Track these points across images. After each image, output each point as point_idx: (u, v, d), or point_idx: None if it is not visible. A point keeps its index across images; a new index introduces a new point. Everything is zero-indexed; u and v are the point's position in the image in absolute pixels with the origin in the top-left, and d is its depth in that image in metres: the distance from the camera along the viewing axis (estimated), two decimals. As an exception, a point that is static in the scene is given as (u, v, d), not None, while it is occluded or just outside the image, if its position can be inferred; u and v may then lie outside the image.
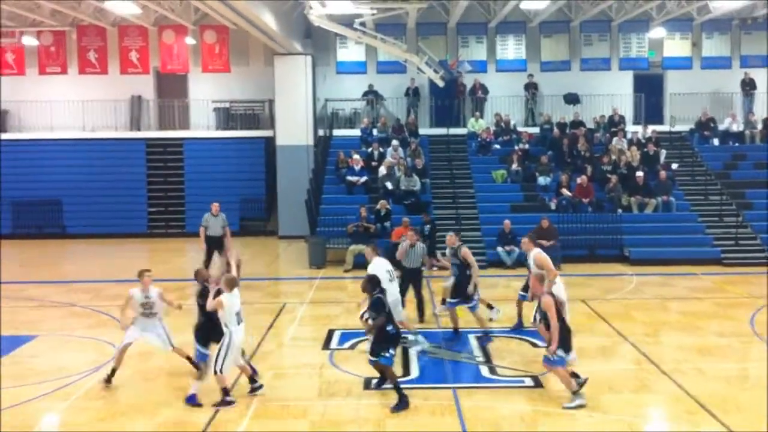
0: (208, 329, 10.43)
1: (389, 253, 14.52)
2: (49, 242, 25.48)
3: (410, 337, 12.71)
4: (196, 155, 27.25)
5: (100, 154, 26.99)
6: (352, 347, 12.74)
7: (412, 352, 12.34)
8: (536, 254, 12.50)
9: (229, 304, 10.05)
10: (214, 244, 18.01)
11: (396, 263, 13.60)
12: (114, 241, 25.25)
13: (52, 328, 14.08)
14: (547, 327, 9.92)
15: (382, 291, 10.27)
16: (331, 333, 13.49)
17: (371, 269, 11.74)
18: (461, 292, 13.07)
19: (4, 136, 27.26)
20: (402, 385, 10.71)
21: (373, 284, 10.27)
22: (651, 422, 9.72)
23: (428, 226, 20.23)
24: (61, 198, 26.68)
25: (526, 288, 13.06)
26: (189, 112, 28.16)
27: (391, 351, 10.07)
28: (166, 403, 10.17)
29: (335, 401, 10.29)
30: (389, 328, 10.06)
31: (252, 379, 10.48)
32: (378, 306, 10.07)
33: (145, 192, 27.35)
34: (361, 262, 19.41)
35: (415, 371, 11.51)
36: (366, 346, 11.12)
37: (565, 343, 9.88)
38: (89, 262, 22.16)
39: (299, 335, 13.86)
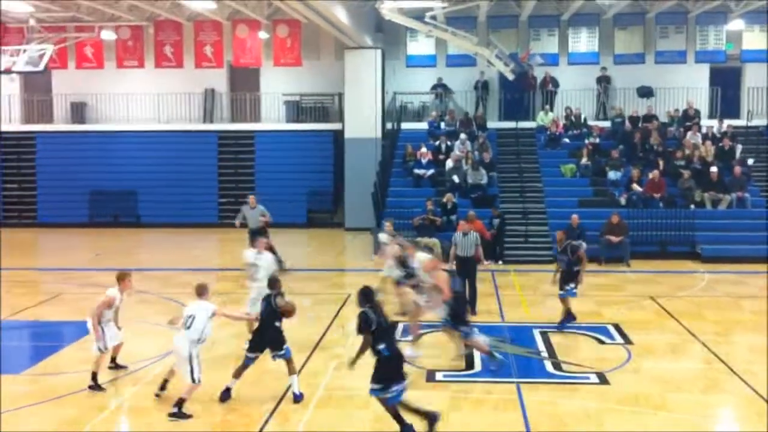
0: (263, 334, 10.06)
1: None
2: (124, 231, 26.20)
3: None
4: (266, 147, 27.64)
5: (174, 146, 27.60)
6: (416, 339, 12.77)
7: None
8: (422, 260, 12.43)
9: (186, 308, 9.89)
10: (256, 236, 18.08)
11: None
12: (186, 231, 25.81)
13: (123, 315, 14.46)
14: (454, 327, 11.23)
15: (374, 307, 8.94)
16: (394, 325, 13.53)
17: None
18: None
19: (83, 127, 28.12)
20: (465, 379, 10.74)
21: (364, 298, 9.01)
22: (719, 423, 9.52)
23: (497, 219, 20.13)
24: (137, 188, 27.40)
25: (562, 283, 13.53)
26: (260, 105, 28.56)
27: (395, 387, 8.64)
28: (235, 389, 10.38)
29: (398, 392, 10.34)
30: (380, 347, 8.67)
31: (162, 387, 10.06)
32: (361, 321, 8.81)
33: (216, 183, 27.87)
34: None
35: (478, 365, 11.48)
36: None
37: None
38: (161, 251, 22.72)
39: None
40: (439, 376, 10.85)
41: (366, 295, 8.98)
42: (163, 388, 9.99)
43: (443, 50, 26.61)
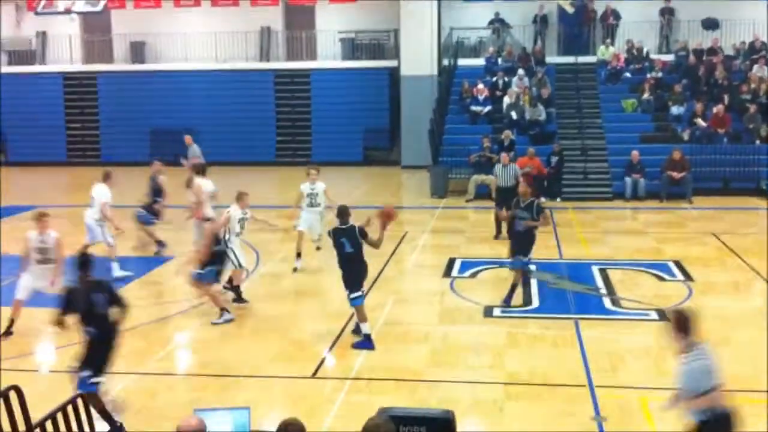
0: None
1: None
2: (183, 170, 26.56)
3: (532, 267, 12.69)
4: (322, 86, 27.62)
5: (231, 85, 27.75)
6: (473, 276, 12.87)
7: (533, 282, 12.35)
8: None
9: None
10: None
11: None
12: (243, 169, 26.08)
13: (188, 250, 14.84)
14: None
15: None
16: (452, 261, 13.65)
17: None
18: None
19: (143, 67, 28.44)
20: (523, 315, 10.82)
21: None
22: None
23: (556, 157, 19.90)
24: (196, 127, 27.70)
25: None
26: (316, 42, 28.46)
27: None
28: (294, 323, 10.65)
29: (456, 328, 10.50)
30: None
31: None
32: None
33: (273, 121, 28.04)
34: (483, 193, 19.44)
35: (535, 301, 11.53)
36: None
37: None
38: (221, 189, 23.00)
39: (420, 263, 14.10)
40: (496, 312, 10.93)
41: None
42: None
43: (501, -17, 26.06)
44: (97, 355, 7.27)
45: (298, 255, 13.38)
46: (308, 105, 27.92)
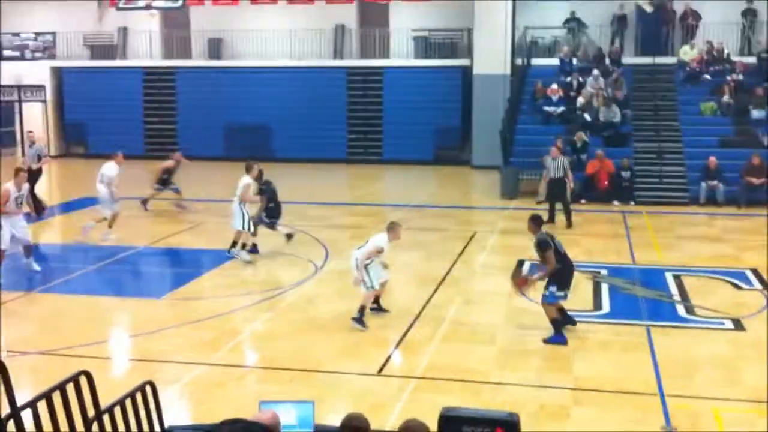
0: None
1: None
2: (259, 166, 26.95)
3: (603, 272, 12.48)
4: (394, 83, 27.64)
5: (305, 82, 28.01)
6: (541, 279, 12.68)
7: (604, 287, 12.14)
8: None
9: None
10: None
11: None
12: (316, 166, 26.34)
13: (259, 245, 15.07)
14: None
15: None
16: (521, 263, 13.45)
17: None
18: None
19: (219, 63, 28.95)
20: (593, 320, 10.66)
21: (536, 223, 10.11)
22: None
23: (627, 172, 19.57)
24: (270, 123, 28.11)
25: None
26: (389, 40, 28.51)
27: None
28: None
29: (523, 330, 10.37)
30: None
31: None
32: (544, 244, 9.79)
33: (345, 119, 28.20)
34: (547, 195, 19.16)
35: (606, 306, 11.33)
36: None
37: None
38: (294, 185, 23.28)
39: (489, 263, 13.99)
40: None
41: (538, 222, 10.22)
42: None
43: (578, -18, 25.67)
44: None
45: (243, 245, 13.77)
46: (380, 103, 27.99)
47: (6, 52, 29.69)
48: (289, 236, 14.99)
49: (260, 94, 27.92)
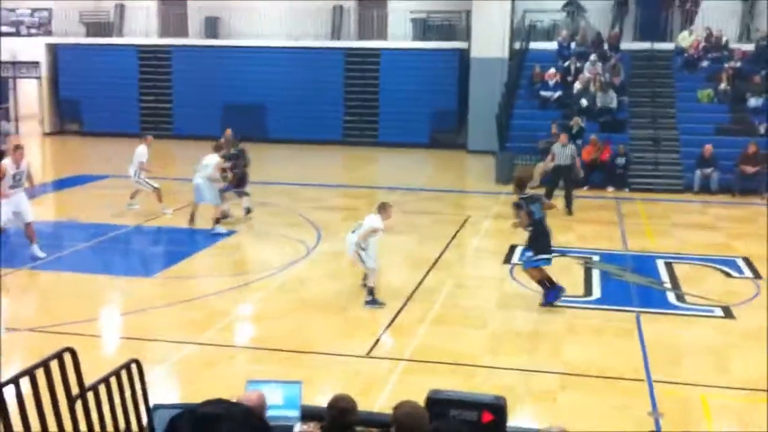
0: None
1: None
2: (253, 145, 26.80)
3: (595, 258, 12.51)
4: (391, 65, 27.49)
5: (302, 62, 27.85)
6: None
7: (595, 273, 12.16)
8: None
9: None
10: None
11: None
12: (311, 147, 26.26)
13: (251, 225, 15.07)
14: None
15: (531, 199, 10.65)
16: (513, 248, 13.49)
17: None
18: None
19: (216, 42, 28.76)
20: (583, 305, 10.70)
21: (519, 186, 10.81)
22: None
23: (623, 159, 19.54)
24: (265, 103, 27.99)
25: None
26: (387, 22, 28.35)
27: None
28: (352, 302, 10.70)
29: (514, 313, 10.41)
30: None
31: None
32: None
33: (341, 100, 28.08)
34: (549, 180, 19.14)
35: (597, 292, 11.36)
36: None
37: None
38: (288, 166, 23.26)
39: (481, 248, 14.00)
40: (556, 301, 10.77)
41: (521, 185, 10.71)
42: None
43: (578, -34, 25.51)
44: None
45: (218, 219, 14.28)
46: (377, 85, 27.86)
47: (2, 28, 29.49)
48: (248, 210, 15.34)
49: (257, 73, 27.78)
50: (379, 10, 28.28)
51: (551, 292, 10.42)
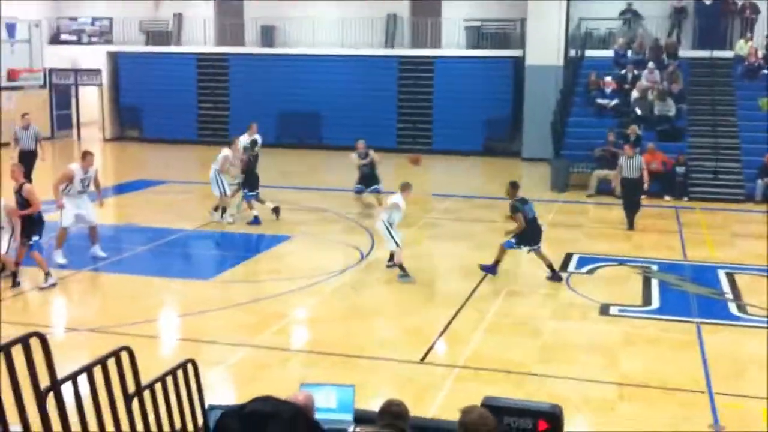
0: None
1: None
2: (308, 152, 27.13)
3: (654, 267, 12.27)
4: (445, 73, 27.48)
5: (356, 70, 28.01)
6: (590, 272, 12.54)
7: (654, 283, 11.93)
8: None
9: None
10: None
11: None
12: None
13: (306, 231, 15.15)
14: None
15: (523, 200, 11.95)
16: (569, 256, 13.33)
17: None
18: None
19: (272, 50, 29.09)
20: (641, 315, 10.51)
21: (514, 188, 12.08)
22: None
23: (682, 167, 19.16)
24: (320, 111, 28.18)
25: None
26: (441, 30, 28.34)
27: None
28: (406, 308, 10.68)
29: (569, 323, 10.26)
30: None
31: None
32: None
33: (395, 108, 28.14)
34: (605, 189, 18.90)
35: (656, 302, 11.13)
36: None
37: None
38: (342, 173, 23.32)
39: (536, 256, 13.80)
40: (613, 310, 10.60)
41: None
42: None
43: (635, -27, 25.18)
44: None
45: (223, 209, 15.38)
46: (430, 93, 27.86)
47: (63, 36, 30.28)
48: (275, 210, 15.69)
49: (312, 81, 28.01)
50: (433, 18, 28.28)
51: (492, 267, 12.01)
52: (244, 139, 16.67)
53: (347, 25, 28.25)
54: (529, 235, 11.91)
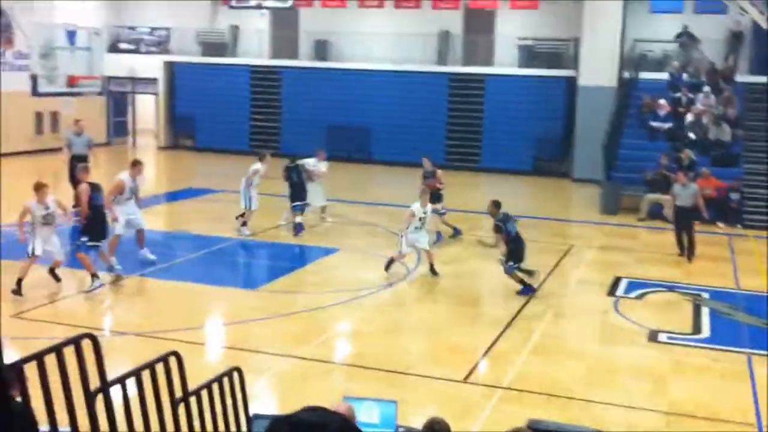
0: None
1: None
2: (357, 166, 27.24)
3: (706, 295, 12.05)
4: (496, 91, 27.39)
5: (407, 86, 28.06)
6: (639, 297, 12.35)
7: (704, 311, 11.70)
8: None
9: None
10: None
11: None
12: (413, 170, 26.28)
13: (354, 244, 15.20)
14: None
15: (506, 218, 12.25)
16: (618, 280, 13.15)
17: None
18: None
19: (325, 64, 29.32)
20: (691, 343, 10.30)
21: (496, 206, 12.45)
22: None
23: (737, 194, 18.79)
24: (370, 125, 28.31)
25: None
26: (493, 48, 28.30)
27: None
28: (449, 326, 10.63)
29: (616, 348, 10.11)
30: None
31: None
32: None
33: (444, 125, 28.12)
34: (657, 213, 18.63)
35: (706, 330, 10.90)
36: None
37: None
38: (391, 187, 23.42)
39: (584, 278, 13.67)
40: (662, 337, 10.41)
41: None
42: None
43: (692, -4, 24.87)
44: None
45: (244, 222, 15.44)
46: (481, 110, 27.79)
47: (122, 45, 30.93)
48: (297, 226, 15.75)
49: (362, 96, 28.16)
50: (485, 36, 28.26)
51: (525, 288, 11.97)
52: (312, 162, 16.82)
53: (400, 40, 28.36)
54: (515, 252, 12.10)
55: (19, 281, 10.89)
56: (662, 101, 22.46)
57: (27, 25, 24.22)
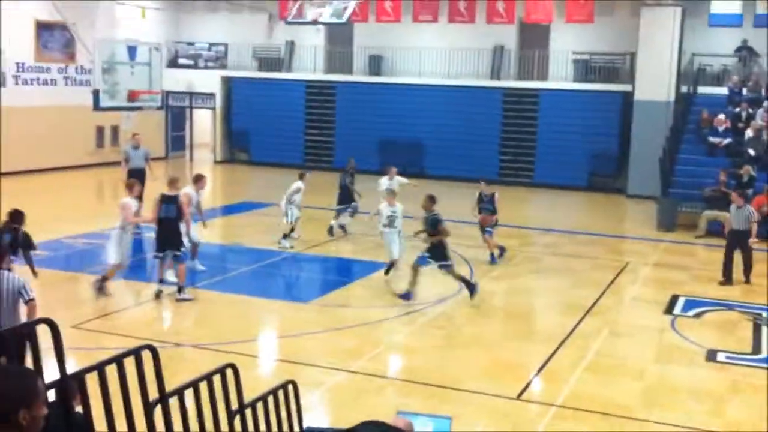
0: None
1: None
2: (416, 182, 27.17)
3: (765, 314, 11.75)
4: (550, 106, 27.21)
5: (460, 101, 28.04)
6: (697, 316, 12.11)
7: (765, 330, 11.41)
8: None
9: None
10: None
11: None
12: (467, 185, 26.23)
13: (404, 259, 15.16)
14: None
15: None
16: (675, 298, 12.92)
17: None
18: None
19: (379, 79, 29.48)
20: (751, 363, 10.07)
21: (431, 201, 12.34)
22: None
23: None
24: (423, 140, 28.34)
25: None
26: (548, 63, 28.13)
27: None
28: (502, 342, 10.57)
29: (673, 368, 9.93)
30: None
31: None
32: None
33: (498, 140, 28.01)
34: (715, 230, 18.24)
35: (766, 350, 10.64)
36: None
37: None
38: (444, 202, 23.25)
39: (640, 296, 13.45)
40: (720, 356, 10.20)
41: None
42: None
43: (751, 9, 24.37)
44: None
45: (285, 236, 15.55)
46: (534, 125, 27.63)
47: (181, 60, 31.55)
48: (331, 229, 16.59)
49: (416, 111, 28.23)
50: (540, 50, 28.12)
51: (407, 293, 12.06)
52: (384, 182, 17.10)
53: (454, 55, 28.39)
54: (440, 251, 12.03)
55: (104, 279, 11.66)
56: (721, 116, 22.04)
57: (89, 41, 24.86)
